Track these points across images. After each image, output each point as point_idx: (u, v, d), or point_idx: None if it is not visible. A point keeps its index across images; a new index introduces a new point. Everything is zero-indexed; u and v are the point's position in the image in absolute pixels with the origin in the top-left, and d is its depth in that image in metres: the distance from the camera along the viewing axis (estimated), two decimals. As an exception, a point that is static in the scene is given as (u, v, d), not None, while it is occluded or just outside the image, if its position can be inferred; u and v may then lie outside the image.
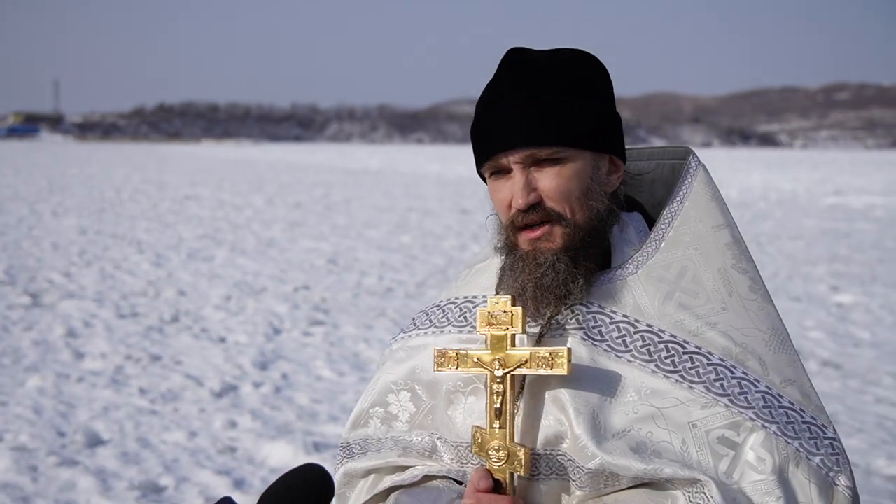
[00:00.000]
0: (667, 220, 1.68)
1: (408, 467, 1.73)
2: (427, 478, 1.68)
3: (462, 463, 1.68)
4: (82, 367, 7.59)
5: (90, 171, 44.83)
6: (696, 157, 1.78)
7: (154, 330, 9.04)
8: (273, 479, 1.35)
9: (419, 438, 1.72)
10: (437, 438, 1.70)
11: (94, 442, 5.83)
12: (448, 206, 25.14)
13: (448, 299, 1.84)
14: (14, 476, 5.24)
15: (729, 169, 57.31)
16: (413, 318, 1.90)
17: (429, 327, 1.82)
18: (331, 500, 1.34)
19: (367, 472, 1.77)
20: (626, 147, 1.82)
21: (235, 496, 4.92)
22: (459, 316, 1.78)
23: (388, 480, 1.72)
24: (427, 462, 1.71)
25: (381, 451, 1.75)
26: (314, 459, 5.60)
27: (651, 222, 1.74)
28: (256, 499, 1.33)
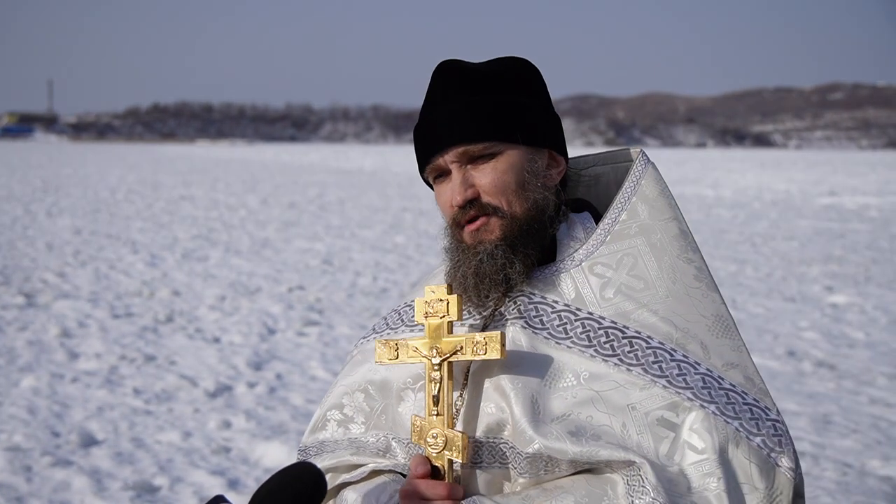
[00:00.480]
0: (613, 215, 1.72)
1: (361, 465, 1.75)
2: (375, 473, 1.71)
3: None
4: (77, 368, 7.58)
5: (85, 172, 44.76)
6: (646, 155, 1.81)
7: (148, 330, 9.03)
8: (267, 479, 1.35)
9: (374, 438, 1.75)
10: (392, 438, 1.73)
11: (89, 442, 5.82)
12: (443, 207, 25.11)
13: (405, 303, 1.88)
14: (8, 476, 5.23)
15: (723, 169, 57.40)
16: (373, 324, 1.94)
17: (384, 330, 1.86)
18: (323, 498, 1.34)
19: (325, 472, 1.77)
20: (584, 154, 1.90)
21: (230, 496, 4.92)
22: (412, 316, 1.81)
23: (340, 478, 1.75)
24: (378, 459, 1.73)
25: (336, 452, 1.78)
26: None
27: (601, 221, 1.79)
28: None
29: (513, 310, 1.66)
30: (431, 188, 1.78)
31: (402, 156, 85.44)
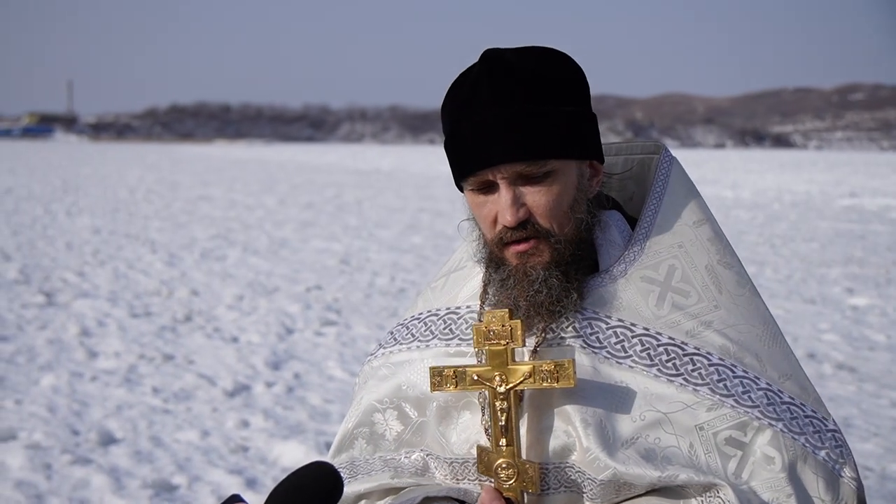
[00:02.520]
0: (648, 219, 1.66)
1: (401, 489, 1.67)
2: (427, 500, 1.62)
3: (458, 479, 1.64)
4: (96, 366, 7.62)
5: (104, 172, 45.02)
6: (668, 151, 1.75)
7: (167, 329, 9.07)
8: (283, 478, 1.34)
9: (408, 457, 1.68)
10: (428, 455, 1.66)
11: (108, 440, 5.85)
12: (459, 207, 24.82)
13: (428, 311, 1.78)
14: (28, 474, 5.26)
15: (742, 170, 57.11)
16: (391, 332, 1.83)
17: (412, 341, 1.75)
18: (339, 498, 1.33)
19: (358, 498, 1.72)
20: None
21: (247, 496, 4.93)
22: (444, 328, 1.72)
23: None
24: (422, 481, 1.66)
25: (372, 474, 1.70)
26: (325, 459, 5.59)
27: (628, 219, 1.71)
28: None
29: (567, 328, 1.58)
30: (461, 189, 1.65)
31: (420, 156, 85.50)
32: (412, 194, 30.70)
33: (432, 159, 74.20)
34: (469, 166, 1.56)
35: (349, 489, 1.70)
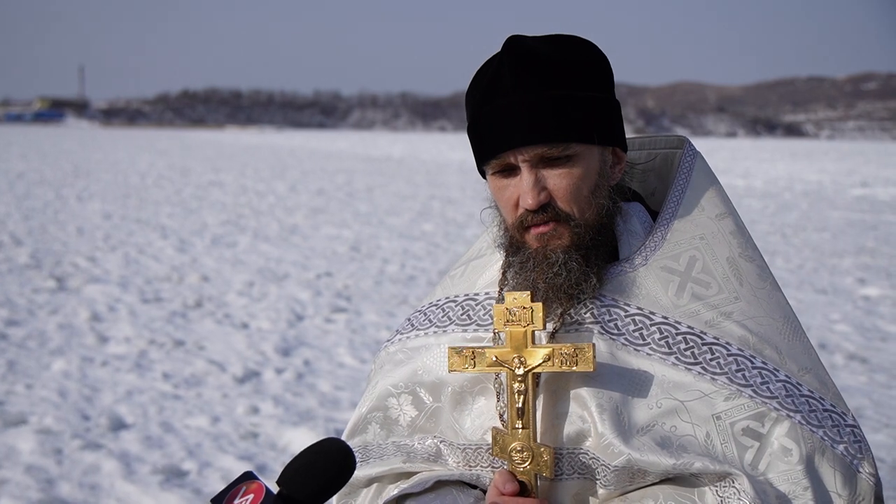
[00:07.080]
0: (670, 210, 1.66)
1: (413, 473, 1.68)
2: (438, 483, 1.63)
3: (471, 466, 1.64)
4: (106, 351, 7.64)
5: (115, 157, 45.12)
6: (692, 145, 1.76)
7: (177, 315, 9.09)
8: (297, 454, 1.35)
9: (421, 443, 1.69)
10: (441, 442, 1.67)
11: (118, 426, 5.87)
12: (470, 195, 25.09)
13: (446, 297, 1.79)
14: (39, 458, 5.28)
15: (754, 159, 56.86)
16: (409, 319, 1.85)
17: (429, 327, 1.77)
18: (351, 474, 1.34)
19: (370, 481, 1.72)
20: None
21: (257, 482, 4.94)
22: (462, 314, 1.73)
23: (395, 488, 1.66)
24: (434, 467, 1.66)
25: (384, 458, 1.71)
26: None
27: (649, 212, 1.72)
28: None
29: (585, 314, 1.58)
30: (483, 176, 1.66)
31: (431, 143, 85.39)
32: (423, 181, 30.67)
33: (443, 146, 74.09)
34: (491, 149, 1.56)
35: (361, 473, 1.71)
